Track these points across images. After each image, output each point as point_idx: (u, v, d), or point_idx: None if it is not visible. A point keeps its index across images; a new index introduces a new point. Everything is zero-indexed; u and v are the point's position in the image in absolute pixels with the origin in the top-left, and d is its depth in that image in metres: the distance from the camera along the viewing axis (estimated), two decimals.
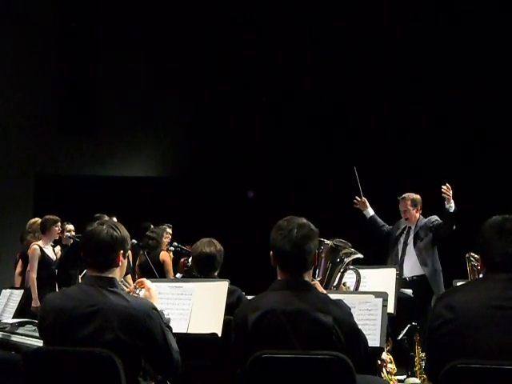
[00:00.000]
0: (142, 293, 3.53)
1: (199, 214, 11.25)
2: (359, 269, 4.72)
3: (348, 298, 3.52)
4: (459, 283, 4.01)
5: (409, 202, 6.86)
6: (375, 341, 3.71)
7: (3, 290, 5.90)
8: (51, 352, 3.08)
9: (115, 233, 3.18)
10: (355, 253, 4.65)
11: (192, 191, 12.00)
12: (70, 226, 8.01)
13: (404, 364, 5.48)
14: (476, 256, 4.81)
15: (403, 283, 6.54)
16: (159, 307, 3.32)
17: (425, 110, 10.18)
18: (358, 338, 3.03)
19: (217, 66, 12.21)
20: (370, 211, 7.13)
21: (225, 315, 4.07)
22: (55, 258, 7.65)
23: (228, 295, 4.22)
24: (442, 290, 6.44)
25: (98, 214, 7.79)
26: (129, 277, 7.76)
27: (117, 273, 3.19)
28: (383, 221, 7.19)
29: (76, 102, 12.03)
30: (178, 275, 8.03)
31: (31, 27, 11.01)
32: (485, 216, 2.99)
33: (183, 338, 3.90)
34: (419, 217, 6.90)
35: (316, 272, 4.51)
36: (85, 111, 12.11)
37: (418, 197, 6.91)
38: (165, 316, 3.60)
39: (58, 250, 7.87)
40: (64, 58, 11.81)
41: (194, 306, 4.17)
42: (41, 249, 7.48)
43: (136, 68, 12.12)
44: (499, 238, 2.82)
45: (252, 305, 3.10)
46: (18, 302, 5.59)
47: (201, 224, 9.90)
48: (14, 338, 4.90)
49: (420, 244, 6.80)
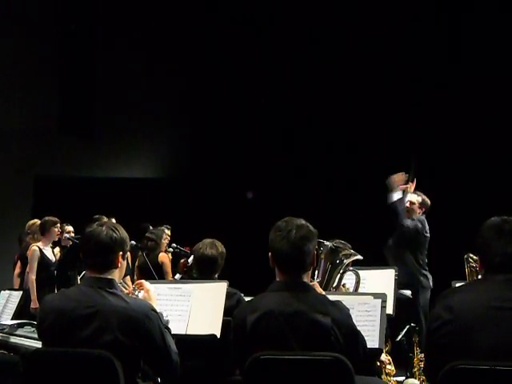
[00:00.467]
0: (141, 294, 3.53)
1: (198, 215, 11.25)
2: (358, 270, 4.73)
3: (347, 299, 3.52)
4: (458, 284, 4.02)
5: (416, 205, 6.75)
6: (374, 342, 3.71)
7: (2, 292, 5.89)
8: (50, 353, 3.08)
9: (115, 234, 3.18)
10: (355, 254, 4.65)
11: (191, 192, 12.00)
12: (70, 228, 8.01)
13: (403, 365, 5.47)
14: (474, 257, 4.81)
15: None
16: (158, 308, 3.32)
17: (424, 111, 10.18)
18: (357, 339, 3.03)
19: (216, 68, 12.21)
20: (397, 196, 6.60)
21: (224, 317, 4.06)
22: (54, 260, 7.64)
23: (228, 298, 4.22)
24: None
25: (97, 216, 7.80)
26: (128, 278, 7.75)
27: (116, 274, 3.19)
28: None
29: (75, 104, 12.03)
30: (177, 276, 8.03)
31: (31, 28, 11.01)
32: (483, 217, 2.99)
33: (182, 339, 3.90)
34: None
35: (315, 273, 4.51)
36: (84, 112, 12.10)
37: (419, 199, 6.78)
38: (164, 318, 3.60)
39: (58, 252, 7.86)
40: (64, 60, 11.81)
41: (193, 307, 4.17)
42: (40, 250, 7.47)
43: (135, 69, 12.13)
44: (498, 239, 2.83)
45: (251, 306, 3.10)
46: (17, 304, 5.59)
47: (200, 225, 9.89)
48: (13, 340, 4.90)
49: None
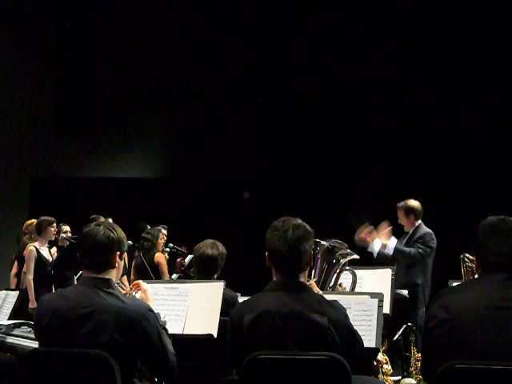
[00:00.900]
0: (138, 295, 3.53)
1: (195, 215, 11.25)
2: (355, 269, 4.73)
3: (344, 299, 3.53)
4: (454, 284, 4.03)
5: (402, 211, 6.58)
6: (371, 341, 3.72)
7: None
8: (47, 353, 3.07)
9: (112, 234, 3.17)
10: (351, 254, 4.64)
11: (187, 192, 11.99)
12: (66, 228, 7.99)
13: (400, 364, 5.49)
14: (470, 257, 4.81)
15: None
16: (155, 308, 3.32)
17: (422, 112, 10.19)
18: (354, 339, 3.03)
19: (213, 68, 12.21)
20: (376, 245, 6.38)
21: (221, 317, 4.06)
22: (51, 259, 7.63)
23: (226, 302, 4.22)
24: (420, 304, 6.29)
25: (94, 215, 7.79)
26: (124, 278, 7.75)
27: (113, 274, 3.19)
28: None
29: (71, 104, 12.01)
30: (174, 276, 8.03)
31: (26, 28, 10.99)
32: (479, 216, 2.99)
33: (179, 339, 3.90)
34: (417, 224, 6.58)
35: (312, 273, 4.51)
36: (80, 112, 12.08)
37: (415, 204, 6.58)
38: (161, 318, 3.59)
39: (54, 251, 7.85)
40: (59, 59, 11.79)
41: (190, 307, 4.17)
42: (37, 250, 7.46)
43: (131, 69, 12.12)
44: (495, 239, 2.83)
45: (247, 306, 3.10)
46: (14, 304, 5.58)
47: (196, 225, 9.91)
48: (10, 340, 4.89)
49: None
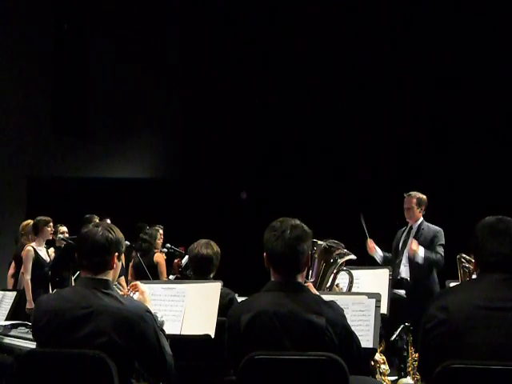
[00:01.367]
0: (136, 296, 3.53)
1: (192, 216, 11.24)
2: (352, 269, 4.72)
3: (341, 299, 3.53)
4: (452, 284, 4.03)
5: (414, 200, 6.73)
6: (368, 342, 3.72)
7: None
8: (44, 354, 3.07)
9: (110, 235, 3.17)
10: (348, 254, 4.64)
11: (185, 192, 11.99)
12: (64, 228, 7.98)
13: (397, 365, 5.49)
14: (467, 257, 4.80)
15: (401, 284, 6.53)
16: (152, 309, 3.32)
17: (420, 112, 10.20)
18: (351, 340, 3.04)
19: (210, 68, 12.21)
20: (379, 253, 6.77)
21: (218, 317, 4.06)
22: (49, 260, 7.62)
23: (220, 298, 4.21)
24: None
25: (88, 215, 7.77)
26: (122, 279, 7.74)
27: (111, 275, 3.19)
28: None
29: (68, 104, 12.01)
30: (171, 277, 8.02)
31: (23, 29, 10.98)
32: (477, 217, 2.99)
33: (176, 340, 3.90)
34: (422, 219, 6.78)
35: (309, 273, 4.51)
36: (77, 113, 12.08)
37: (425, 197, 6.79)
38: (159, 319, 3.59)
39: (52, 252, 7.84)
40: (56, 60, 11.78)
41: (187, 308, 4.16)
42: (34, 250, 7.45)
43: (128, 69, 12.11)
44: (493, 239, 2.82)
45: (245, 306, 3.10)
46: (11, 304, 5.58)
47: (194, 225, 9.90)
48: (7, 341, 4.89)
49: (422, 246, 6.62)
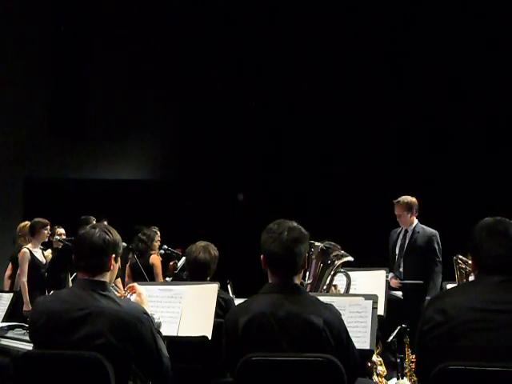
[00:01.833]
0: (133, 297, 3.53)
1: (189, 217, 11.23)
2: (349, 271, 4.72)
3: (338, 301, 3.54)
4: (449, 285, 4.02)
5: (403, 207, 6.65)
6: (365, 343, 3.72)
7: None
8: (41, 356, 3.07)
9: (107, 236, 3.17)
10: (346, 255, 4.64)
11: (182, 194, 11.98)
12: (61, 230, 7.97)
13: (394, 366, 5.49)
14: (463, 258, 4.80)
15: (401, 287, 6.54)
16: (149, 310, 3.32)
17: (419, 112, 10.20)
18: (348, 341, 3.04)
19: (206, 69, 12.20)
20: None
21: (215, 319, 4.06)
22: (45, 262, 7.61)
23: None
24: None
25: (84, 216, 7.76)
26: (118, 280, 7.73)
27: (108, 276, 3.19)
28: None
29: (66, 105, 11.98)
30: (168, 279, 8.01)
31: (21, 30, 10.96)
32: (475, 218, 2.98)
33: (173, 341, 3.90)
34: (416, 222, 6.72)
35: (307, 275, 4.51)
36: (75, 114, 12.06)
37: (413, 200, 6.69)
38: (156, 320, 3.59)
39: (49, 253, 7.83)
40: (53, 61, 11.76)
41: (184, 309, 4.16)
42: (30, 252, 7.44)
43: (125, 71, 12.10)
44: (491, 240, 2.80)
45: (242, 308, 3.10)
46: (8, 306, 5.57)
47: (191, 227, 9.89)
48: (4, 342, 4.88)
49: (417, 251, 6.65)
